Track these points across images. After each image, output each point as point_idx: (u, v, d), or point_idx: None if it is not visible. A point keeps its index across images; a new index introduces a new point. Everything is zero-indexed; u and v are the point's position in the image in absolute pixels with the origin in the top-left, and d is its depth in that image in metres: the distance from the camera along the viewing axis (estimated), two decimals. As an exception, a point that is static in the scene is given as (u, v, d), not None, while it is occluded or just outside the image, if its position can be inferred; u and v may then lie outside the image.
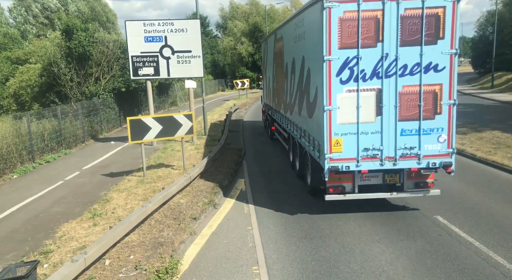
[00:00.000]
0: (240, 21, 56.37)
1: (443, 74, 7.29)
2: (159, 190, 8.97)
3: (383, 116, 7.32)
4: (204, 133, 18.38)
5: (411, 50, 7.17)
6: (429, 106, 7.38)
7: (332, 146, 7.42)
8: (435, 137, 7.47)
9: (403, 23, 7.11)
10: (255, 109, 29.73)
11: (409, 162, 7.53)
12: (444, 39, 7.16)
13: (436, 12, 7.09)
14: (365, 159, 7.47)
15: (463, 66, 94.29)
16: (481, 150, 12.73)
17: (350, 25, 7.08)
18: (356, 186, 7.99)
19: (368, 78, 7.25)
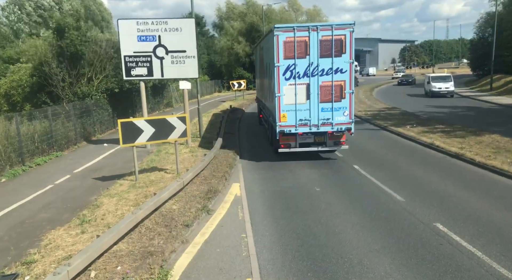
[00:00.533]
0: (237, 21, 56.08)
1: (345, 75, 12.15)
2: (151, 195, 8.66)
3: (311, 100, 12.36)
4: (199, 136, 18.07)
5: (326, 60, 12.08)
6: (338, 93, 12.28)
7: (281, 118, 12.45)
8: (342, 112, 12.47)
9: (321, 44, 11.94)
10: (252, 110, 29.42)
11: (327, 127, 12.57)
12: (345, 53, 11.98)
13: (340, 38, 11.89)
14: (301, 126, 12.51)
15: (461, 68, 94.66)
16: (480, 155, 12.52)
17: (290, 45, 11.95)
18: (297, 143, 12.93)
19: (301, 77, 12.20)
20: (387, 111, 24.85)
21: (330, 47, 11.90)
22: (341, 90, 12.20)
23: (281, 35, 11.93)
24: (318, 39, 11.88)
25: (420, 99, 32.34)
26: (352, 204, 9.17)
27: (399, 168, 12.20)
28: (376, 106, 27.91)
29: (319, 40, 11.88)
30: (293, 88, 12.26)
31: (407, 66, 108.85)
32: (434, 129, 17.43)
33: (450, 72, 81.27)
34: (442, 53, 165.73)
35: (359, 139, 17.14)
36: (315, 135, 12.85)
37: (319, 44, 11.91)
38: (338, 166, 12.79)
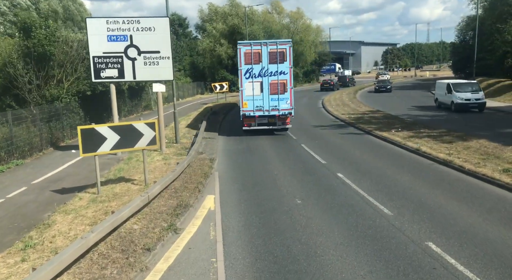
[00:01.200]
0: (219, 23, 55.15)
1: (287, 76, 17.75)
2: (114, 210, 7.69)
3: (263, 93, 17.79)
4: (175, 141, 17.05)
5: (273, 66, 17.59)
6: (282, 88, 17.77)
7: (243, 105, 17.89)
8: (285, 101, 17.80)
9: (269, 54, 17.43)
10: (234, 114, 28.52)
11: (275, 112, 17.95)
12: (286, 61, 17.57)
13: (282, 50, 17.52)
14: (257, 110, 17.87)
15: (442, 70, 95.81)
16: (470, 161, 11.90)
17: (248, 55, 17.48)
18: (256, 123, 18.26)
19: (257, 77, 17.65)
20: (371, 114, 24.29)
21: (276, 56, 17.78)
22: (284, 86, 18.10)
23: (243, 48, 17.99)
24: (267, 51, 17.82)
25: (411, 105, 32.08)
26: (336, 218, 8.36)
27: (386, 176, 11.48)
28: (360, 109, 27.35)
29: (268, 52, 17.82)
30: (251, 84, 18.06)
31: (390, 68, 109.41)
32: (420, 134, 16.85)
33: (432, 74, 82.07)
34: (423, 56, 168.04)
35: (344, 144, 16.43)
36: (268, 117, 18.49)
37: (268, 55, 17.81)
38: (322, 173, 12.00)
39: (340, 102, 32.40)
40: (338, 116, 24.66)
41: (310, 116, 26.09)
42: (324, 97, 38.36)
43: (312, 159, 14.03)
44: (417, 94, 39.18)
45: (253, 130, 18.64)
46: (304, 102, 36.16)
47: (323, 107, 30.62)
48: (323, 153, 14.80)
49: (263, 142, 17.66)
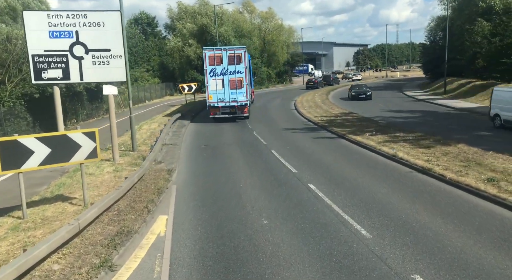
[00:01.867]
0: (188, 22, 53.40)
1: (243, 74, 22.68)
2: (36, 241, 6.16)
3: (225, 88, 22.64)
4: (132, 149, 15.45)
5: (232, 66, 22.52)
6: (239, 84, 22.64)
7: (209, 97, 22.86)
8: (242, 95, 22.63)
9: (228, 58, 22.38)
10: (203, 117, 27.03)
11: (234, 103, 22.79)
12: (242, 63, 22.53)
13: (239, 54, 22.52)
14: (220, 102, 22.74)
15: (412, 71, 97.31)
16: (450, 169, 10.97)
17: (211, 58, 22.44)
18: (221, 112, 23.09)
19: (219, 75, 22.56)
20: (344, 116, 23.38)
21: (233, 59, 22.60)
22: (241, 82, 22.88)
23: (207, 52, 22.93)
24: (227, 55, 22.66)
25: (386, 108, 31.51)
26: (307, 244, 7.12)
27: (361, 187, 10.37)
28: (333, 111, 26.45)
29: (228, 56, 22.64)
30: (214, 81, 22.83)
31: (361, 69, 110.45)
32: (396, 138, 15.94)
33: (402, 75, 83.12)
34: (393, 56, 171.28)
35: (316, 150, 15.31)
36: (229, 107, 23.31)
37: (228, 58, 22.65)
38: (293, 185, 10.78)
39: (313, 104, 31.46)
40: (310, 118, 23.63)
41: (282, 119, 24.96)
42: (297, 98, 37.39)
43: (282, 167, 12.82)
44: (390, 95, 38.85)
45: (219, 118, 23.82)
46: (276, 104, 35.07)
47: (295, 109, 29.58)
48: (294, 160, 13.62)
49: (231, 148, 16.34)
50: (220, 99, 23.02)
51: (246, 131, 20.99)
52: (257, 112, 28.79)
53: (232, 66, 22.65)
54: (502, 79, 28.95)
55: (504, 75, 28.59)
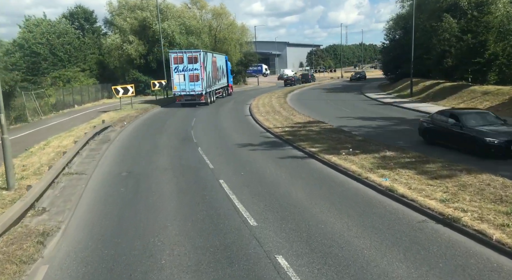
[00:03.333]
0: (128, 17, 47.57)
1: (199, 71, 31.07)
2: None
3: (186, 81, 31.19)
4: (7, 186, 10.33)
5: (190, 65, 31.19)
6: (196, 78, 31.06)
7: (174, 88, 31.67)
8: (198, 86, 31.16)
9: (188, 58, 31.20)
10: (139, 126, 22.15)
11: (193, 92, 31.35)
12: (198, 62, 31.11)
13: (196, 55, 31.26)
14: (183, 91, 31.52)
15: (370, 71, 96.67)
16: (486, 219, 7.19)
17: (175, 58, 31.32)
18: (184, 99, 31.89)
19: (181, 71, 31.16)
20: (309, 126, 19.45)
21: (192, 59, 30.68)
22: (197, 77, 30.63)
23: (172, 54, 31.28)
24: (187, 56, 30.78)
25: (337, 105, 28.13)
26: None
27: (355, 257, 6.32)
28: (294, 118, 22.54)
29: (187, 57, 30.77)
30: (178, 75, 30.72)
31: (316, 69, 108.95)
32: (382, 158, 12.15)
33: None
34: (345, 57, 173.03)
35: (282, 180, 11.11)
36: (190, 96, 31.23)
37: (187, 58, 30.74)
38: (250, 256, 6.48)
39: (270, 109, 27.46)
40: (270, 129, 19.50)
41: (236, 129, 20.66)
42: (252, 102, 33.26)
43: (234, 214, 8.54)
44: (351, 97, 35.85)
45: (183, 103, 31.63)
46: (228, 108, 30.69)
47: (251, 115, 25.41)
48: (252, 198, 9.42)
49: (164, 178, 11.78)
50: (182, 89, 31.04)
51: (189, 147, 16.50)
52: (205, 120, 24.34)
53: (190, 64, 30.73)
54: (474, 81, 26.61)
55: (476, 75, 26.26)
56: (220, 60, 38.71)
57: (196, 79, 30.65)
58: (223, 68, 40.16)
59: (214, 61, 35.56)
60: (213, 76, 34.99)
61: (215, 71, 35.82)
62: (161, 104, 34.37)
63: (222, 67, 39.55)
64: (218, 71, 37.70)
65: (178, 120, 24.71)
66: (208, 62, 32.69)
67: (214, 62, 35.65)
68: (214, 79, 35.44)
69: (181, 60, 30.68)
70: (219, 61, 38.02)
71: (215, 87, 35.85)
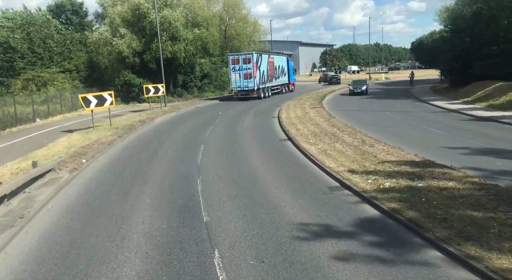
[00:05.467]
0: (119, 6, 38.60)
1: (252, 70, 35.88)
2: None
3: (241, 78, 36.40)
4: None
5: (246, 65, 36.13)
6: (250, 76, 36.09)
7: (231, 84, 37.49)
8: (251, 83, 36.02)
9: (243, 59, 36.33)
10: (101, 171, 13.09)
11: (247, 89, 36.41)
12: (251, 62, 35.94)
13: (249, 57, 36.37)
14: (238, 88, 36.80)
15: (393, 73, 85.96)
16: None
17: (233, 59, 36.87)
18: (240, 94, 36.99)
19: (237, 70, 36.52)
20: (428, 179, 9.74)
21: (246, 60, 35.95)
22: (250, 75, 35.74)
23: (231, 57, 37.21)
24: (242, 58, 36.29)
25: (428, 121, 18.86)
26: None
27: None
28: (374, 151, 13.07)
29: (242, 58, 36.23)
30: (235, 74, 36.27)
31: (336, 70, 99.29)
32: None
33: (385, 77, 72.55)
34: (360, 58, 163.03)
35: None
36: (245, 91, 36.10)
37: (242, 59, 36.08)
38: None
39: (316, 128, 18.16)
40: (344, 179, 10.15)
41: (270, 176, 11.24)
42: (280, 113, 24.04)
43: None
44: (411, 107, 26.54)
45: (239, 98, 36.71)
46: (249, 126, 21.29)
47: (289, 140, 16.16)
48: None
49: None
50: (239, 86, 36.37)
51: (191, 223, 7.29)
52: (218, 146, 15.08)
53: (244, 65, 35.83)
54: None
55: None
56: (279, 61, 44.17)
57: (249, 77, 35.74)
58: (282, 68, 45.27)
59: (271, 61, 40.75)
60: (269, 74, 40.07)
61: (271, 70, 40.83)
62: (159, 114, 25.31)
63: (281, 66, 44.87)
64: (276, 70, 42.86)
65: (178, 147, 15.57)
66: (262, 63, 38.10)
67: (271, 62, 40.89)
68: (270, 77, 40.63)
69: (237, 61, 36.19)
70: (277, 62, 43.28)
71: (271, 84, 40.89)
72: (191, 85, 43.37)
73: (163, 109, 28.90)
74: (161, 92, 30.04)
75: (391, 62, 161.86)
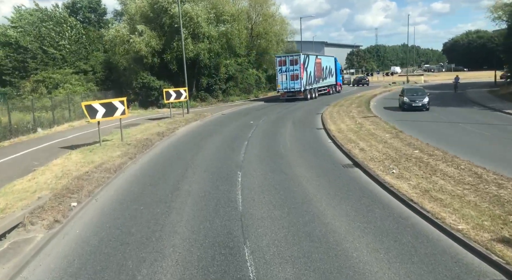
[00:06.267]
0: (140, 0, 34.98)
1: (299, 71, 36.20)
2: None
3: (288, 79, 36.59)
4: None
5: (291, 66, 36.33)
6: (296, 77, 36.29)
7: (278, 86, 37.66)
8: (298, 84, 36.27)
9: (290, 61, 36.57)
10: (100, 226, 8.90)
11: (293, 89, 36.58)
12: (298, 64, 36.20)
13: (296, 58, 36.64)
14: (285, 89, 36.94)
15: (429, 75, 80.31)
16: None
17: (279, 61, 37.21)
18: (286, 96, 37.15)
19: (284, 72, 36.67)
20: None
21: (293, 61, 36.03)
22: (297, 76, 35.85)
23: (277, 58, 37.40)
24: (289, 59, 36.32)
25: None
26: None
27: None
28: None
29: (289, 60, 36.27)
30: (281, 75, 36.45)
31: (368, 72, 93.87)
32: None
33: (424, 80, 67.03)
34: (388, 59, 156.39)
35: None
36: (291, 93, 36.39)
37: (289, 61, 36.15)
38: None
39: (387, 147, 13.71)
40: (499, 259, 5.77)
41: (366, 251, 6.92)
42: (326, 123, 19.70)
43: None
44: (482, 116, 21.75)
45: (285, 99, 36.55)
46: (293, 142, 16.82)
47: (357, 166, 11.79)
48: None
49: None
50: (285, 87, 36.52)
51: None
52: (261, 180, 10.72)
53: (291, 66, 35.94)
54: None
55: None
56: (326, 62, 44.46)
57: (296, 78, 35.81)
58: (330, 68, 45.63)
59: (318, 62, 40.94)
60: (316, 75, 40.35)
61: (318, 71, 41.03)
62: (180, 124, 21.34)
63: (329, 67, 45.29)
64: (324, 71, 43.25)
65: (206, 178, 11.39)
66: (310, 64, 38.34)
67: (318, 63, 41.09)
68: (317, 78, 40.91)
69: (284, 63, 36.38)
70: (325, 62, 43.56)
71: (318, 85, 41.08)
72: (215, 89, 39.34)
73: (186, 117, 24.91)
74: (183, 98, 26.02)
75: (420, 64, 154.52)
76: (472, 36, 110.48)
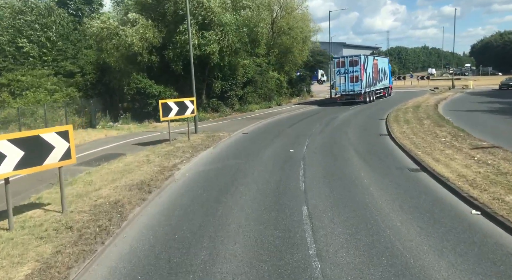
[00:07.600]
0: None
1: (359, 73, 34.74)
2: None
3: (346, 82, 35.25)
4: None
5: (351, 68, 34.96)
6: (356, 79, 34.85)
7: (336, 88, 36.88)
8: (358, 86, 35.19)
9: (349, 62, 35.29)
10: None
11: (352, 92, 35.24)
12: (358, 65, 34.74)
13: (356, 59, 35.06)
14: (343, 92, 35.66)
15: (459, 81, 70.40)
16: None
17: (338, 62, 36.42)
18: (344, 99, 35.73)
19: (342, 74, 35.46)
20: None
21: (352, 63, 34.72)
22: (357, 78, 34.47)
23: (335, 59, 36.98)
24: (348, 60, 35.11)
25: None
26: None
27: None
28: None
29: (349, 61, 35.02)
30: (339, 77, 35.37)
31: (398, 76, 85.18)
32: None
33: (466, 85, 58.22)
34: (409, 62, 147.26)
35: None
36: (350, 96, 34.93)
37: (348, 62, 34.94)
38: None
39: None
40: None
41: None
42: (429, 164, 11.55)
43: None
44: None
45: (343, 102, 35.29)
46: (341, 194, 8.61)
47: None
48: None
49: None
50: (343, 89, 35.27)
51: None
52: None
53: (351, 67, 34.70)
54: None
55: None
56: (382, 63, 42.59)
57: (355, 80, 34.86)
58: (384, 70, 43.54)
59: (375, 63, 39.22)
60: (374, 77, 38.63)
61: (375, 73, 39.24)
62: (184, 154, 13.24)
63: (384, 69, 43.22)
64: (380, 73, 41.30)
65: None
66: (368, 65, 36.96)
67: (375, 64, 39.36)
68: (375, 80, 39.19)
69: (342, 64, 35.49)
70: (380, 63, 41.56)
71: (375, 87, 39.48)
72: (231, 95, 31.23)
73: (192, 142, 16.74)
74: (190, 112, 17.75)
75: (448, 67, 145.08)
76: (508, 36, 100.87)
